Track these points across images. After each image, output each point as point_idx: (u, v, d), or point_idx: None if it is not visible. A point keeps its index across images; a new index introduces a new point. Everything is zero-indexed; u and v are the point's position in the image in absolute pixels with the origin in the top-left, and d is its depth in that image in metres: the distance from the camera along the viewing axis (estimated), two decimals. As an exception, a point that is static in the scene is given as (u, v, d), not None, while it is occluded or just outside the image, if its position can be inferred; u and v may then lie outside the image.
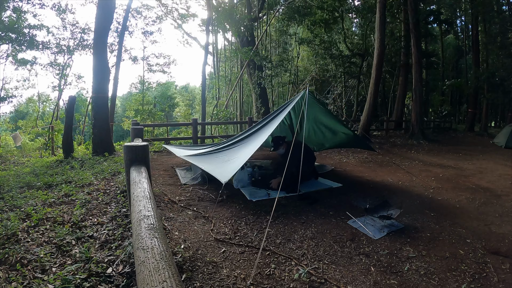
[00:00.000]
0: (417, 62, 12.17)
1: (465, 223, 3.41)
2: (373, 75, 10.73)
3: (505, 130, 11.74)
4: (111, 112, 11.67)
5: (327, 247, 2.75)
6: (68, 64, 16.15)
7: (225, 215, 3.39)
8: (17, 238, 2.60)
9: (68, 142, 7.35)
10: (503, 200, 4.31)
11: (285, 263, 2.46)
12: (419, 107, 12.12)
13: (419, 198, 4.31)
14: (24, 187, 4.49)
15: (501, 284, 2.26)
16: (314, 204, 3.84)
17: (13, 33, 11.98)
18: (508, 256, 2.67)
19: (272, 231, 3.01)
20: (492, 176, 5.91)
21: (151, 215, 1.33)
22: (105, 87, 7.81)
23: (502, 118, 24.37)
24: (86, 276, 2.09)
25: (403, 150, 9.25)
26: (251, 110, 17.80)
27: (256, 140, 4.03)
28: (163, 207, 3.56)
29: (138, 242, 1.11)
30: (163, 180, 4.79)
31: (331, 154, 8.10)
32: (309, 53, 19.19)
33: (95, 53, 7.73)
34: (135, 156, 2.30)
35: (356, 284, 2.23)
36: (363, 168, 6.33)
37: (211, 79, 21.02)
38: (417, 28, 12.25)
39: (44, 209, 3.32)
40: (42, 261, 2.27)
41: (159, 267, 0.90)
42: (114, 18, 10.10)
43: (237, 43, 16.38)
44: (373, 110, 11.25)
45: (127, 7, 13.23)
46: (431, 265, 2.50)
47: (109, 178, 4.87)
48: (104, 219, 3.15)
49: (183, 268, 2.28)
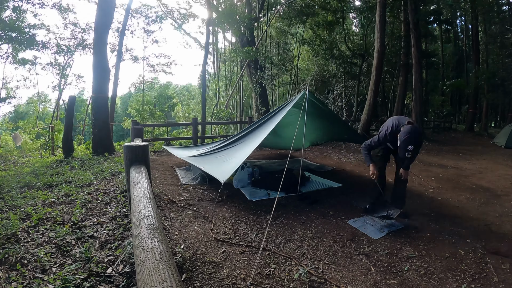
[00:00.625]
0: (417, 62, 12.17)
1: (465, 223, 3.41)
2: (373, 75, 10.72)
3: (505, 130, 11.74)
4: (111, 112, 11.67)
5: (327, 247, 2.75)
6: (68, 64, 16.16)
7: (225, 215, 3.39)
8: (17, 238, 2.60)
9: (68, 142, 7.34)
10: (503, 200, 4.31)
11: (285, 263, 2.46)
12: (419, 107, 12.12)
13: (419, 198, 4.31)
14: (24, 187, 4.49)
15: (501, 284, 2.26)
16: (314, 204, 3.84)
17: (13, 32, 11.98)
18: (508, 256, 2.67)
19: (272, 231, 3.01)
20: (492, 176, 5.91)
21: (151, 215, 1.33)
22: (105, 87, 7.81)
23: (502, 118, 24.35)
24: (86, 276, 2.09)
25: (403, 150, 9.24)
26: (251, 110, 17.79)
27: (254, 139, 4.02)
28: (163, 207, 3.56)
29: (138, 242, 1.11)
30: (163, 180, 4.79)
31: (331, 154, 8.10)
32: (310, 53, 19.18)
33: (95, 53, 7.73)
34: (135, 156, 2.30)
35: (356, 284, 2.22)
36: (363, 168, 6.32)
37: (211, 79, 21.04)
38: (417, 28, 12.25)
39: (44, 209, 3.32)
40: (42, 261, 2.27)
41: (159, 267, 0.90)
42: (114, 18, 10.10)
43: (237, 43, 16.38)
44: (373, 110, 11.24)
45: (127, 7, 13.24)
46: (431, 265, 2.50)
47: (109, 178, 4.87)
48: (104, 219, 3.15)
49: (183, 268, 2.28)
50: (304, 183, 4.72)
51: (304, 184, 4.65)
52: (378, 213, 3.35)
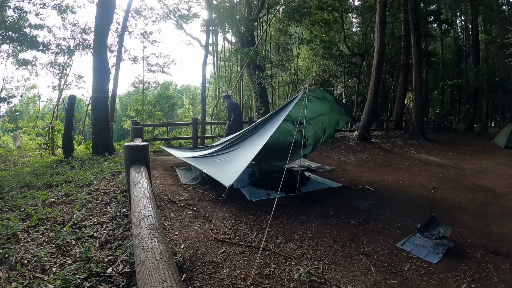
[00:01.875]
0: (417, 62, 12.16)
1: (465, 223, 3.41)
2: (373, 75, 10.72)
3: (505, 130, 11.74)
4: (111, 112, 11.66)
5: (327, 247, 2.75)
6: (68, 64, 16.15)
7: (225, 215, 3.39)
8: (17, 238, 2.60)
9: (68, 142, 7.34)
10: (503, 200, 4.31)
11: (285, 263, 2.46)
12: (419, 107, 12.12)
13: (419, 198, 4.31)
14: (24, 187, 4.49)
15: (501, 284, 2.26)
16: (314, 204, 3.84)
17: (14, 32, 11.97)
18: (508, 256, 2.68)
19: (272, 231, 3.01)
20: (492, 176, 5.91)
21: (151, 215, 1.33)
22: (105, 87, 7.80)
23: (502, 118, 24.38)
24: (86, 276, 2.09)
25: (403, 150, 9.25)
26: (251, 110, 17.79)
27: (258, 141, 3.95)
28: (163, 207, 3.56)
29: (138, 242, 1.11)
30: (163, 180, 4.79)
31: (331, 154, 8.10)
32: (310, 52, 19.19)
33: (95, 53, 7.73)
34: (135, 156, 2.30)
35: (356, 284, 2.22)
36: (363, 168, 6.33)
37: (212, 78, 21.03)
38: (417, 28, 12.25)
39: (44, 209, 3.32)
40: (42, 261, 2.27)
41: (159, 267, 0.90)
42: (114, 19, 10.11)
43: (237, 43, 16.38)
44: (373, 110, 11.25)
45: (127, 7, 13.22)
46: (431, 265, 2.50)
47: (109, 178, 4.87)
48: (104, 219, 3.15)
49: (183, 268, 2.28)
50: (304, 183, 4.72)
51: (304, 184, 4.65)
52: (430, 232, 3.02)
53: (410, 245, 2.83)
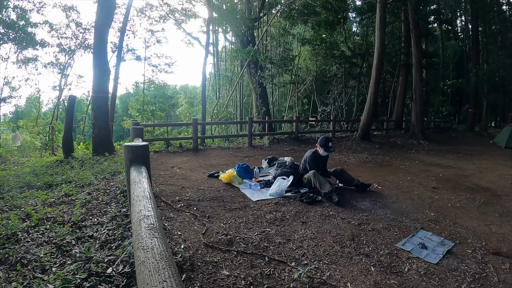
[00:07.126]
0: (417, 62, 12.17)
1: (465, 223, 3.41)
2: (373, 75, 10.72)
3: (505, 130, 11.75)
4: (111, 112, 11.67)
5: (327, 247, 2.75)
6: (69, 64, 16.17)
7: (225, 215, 3.39)
8: (17, 238, 2.60)
9: (68, 142, 7.34)
10: (503, 200, 4.31)
11: (285, 263, 2.46)
12: (419, 107, 12.12)
13: (419, 198, 4.31)
14: (24, 187, 4.49)
15: (501, 284, 2.26)
16: (314, 204, 3.84)
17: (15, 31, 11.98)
18: (508, 256, 2.67)
19: (272, 231, 3.01)
20: (492, 176, 5.91)
21: (151, 215, 1.33)
22: (105, 87, 7.81)
23: (502, 118, 24.35)
24: (86, 276, 2.09)
25: (403, 150, 9.25)
26: (251, 110, 17.77)
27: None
28: (163, 207, 3.56)
29: (138, 242, 1.11)
30: (163, 180, 4.79)
31: (331, 154, 8.08)
32: (310, 52, 19.18)
33: (95, 53, 7.73)
34: (135, 156, 2.30)
35: (356, 284, 2.22)
36: (363, 168, 6.33)
37: (212, 78, 21.01)
38: (417, 28, 12.26)
39: (44, 209, 3.32)
40: (42, 261, 2.27)
41: (159, 267, 0.90)
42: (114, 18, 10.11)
43: (237, 42, 16.37)
44: (373, 110, 11.24)
45: (127, 7, 13.23)
46: (431, 265, 2.50)
47: (109, 178, 4.87)
48: (104, 219, 3.15)
49: (183, 268, 2.28)
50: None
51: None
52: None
53: (410, 245, 2.83)
